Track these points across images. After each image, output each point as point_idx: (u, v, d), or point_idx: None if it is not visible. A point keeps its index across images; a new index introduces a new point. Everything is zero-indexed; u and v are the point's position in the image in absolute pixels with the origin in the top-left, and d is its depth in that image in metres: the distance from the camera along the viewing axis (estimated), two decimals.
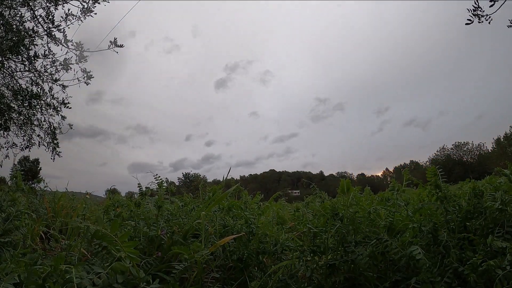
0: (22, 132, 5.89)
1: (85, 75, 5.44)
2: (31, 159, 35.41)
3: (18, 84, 5.51)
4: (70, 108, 5.81)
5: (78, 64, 5.36)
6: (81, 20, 5.03)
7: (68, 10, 4.98)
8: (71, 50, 5.22)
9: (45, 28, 5.04)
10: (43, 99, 5.64)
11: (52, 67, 5.43)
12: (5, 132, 5.73)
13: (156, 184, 2.37)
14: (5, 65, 5.25)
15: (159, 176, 2.37)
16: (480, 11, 2.59)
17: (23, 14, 5.00)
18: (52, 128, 5.89)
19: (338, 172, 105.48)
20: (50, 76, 5.49)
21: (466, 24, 2.64)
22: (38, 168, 35.61)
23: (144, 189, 2.42)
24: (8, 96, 5.52)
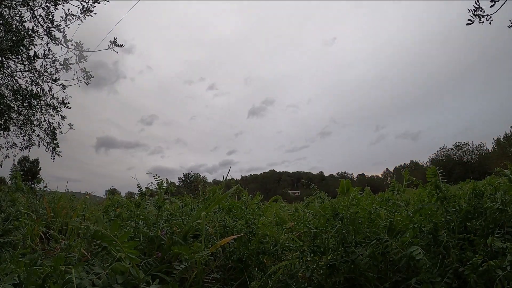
0: (22, 132, 5.89)
1: (85, 75, 5.44)
2: (30, 159, 35.37)
3: (17, 84, 5.51)
4: (70, 108, 5.81)
5: (78, 64, 5.36)
6: (81, 20, 5.03)
7: (68, 10, 4.98)
8: (70, 50, 5.21)
9: (45, 28, 5.04)
10: (43, 99, 5.64)
11: (51, 67, 5.43)
12: (5, 132, 5.73)
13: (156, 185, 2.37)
14: (5, 65, 5.24)
15: (159, 177, 2.37)
16: (480, 11, 2.58)
17: (22, 14, 5.00)
18: (52, 128, 5.89)
19: (338, 172, 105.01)
20: (50, 76, 5.49)
21: (467, 24, 2.63)
22: (38, 169, 35.57)
23: (143, 189, 2.42)
24: (8, 96, 5.52)
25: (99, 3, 5.02)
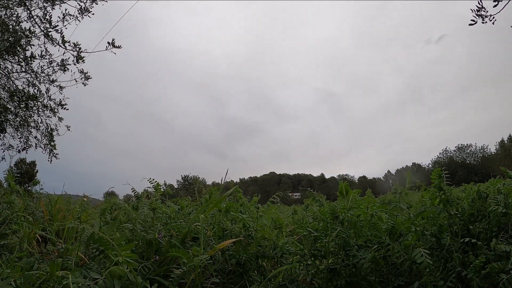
0: (19, 134, 5.84)
1: (83, 76, 5.40)
2: (27, 161, 35.10)
3: (14, 85, 5.47)
4: (68, 109, 5.77)
5: (75, 65, 5.31)
6: (78, 20, 4.99)
7: (66, 10, 4.94)
8: (68, 50, 5.16)
9: (42, 28, 4.99)
10: (40, 100, 5.59)
11: (49, 68, 5.37)
12: (1, 134, 5.67)
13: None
14: (1, 66, 5.20)
15: (154, 179, 2.35)
16: (484, 11, 2.58)
17: (19, 14, 4.95)
18: (49, 129, 5.84)
19: (339, 174, 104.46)
20: (47, 77, 5.44)
21: (470, 24, 2.62)
22: (35, 171, 35.31)
23: (139, 192, 2.39)
24: (4, 97, 5.47)
25: (97, 3, 4.99)
